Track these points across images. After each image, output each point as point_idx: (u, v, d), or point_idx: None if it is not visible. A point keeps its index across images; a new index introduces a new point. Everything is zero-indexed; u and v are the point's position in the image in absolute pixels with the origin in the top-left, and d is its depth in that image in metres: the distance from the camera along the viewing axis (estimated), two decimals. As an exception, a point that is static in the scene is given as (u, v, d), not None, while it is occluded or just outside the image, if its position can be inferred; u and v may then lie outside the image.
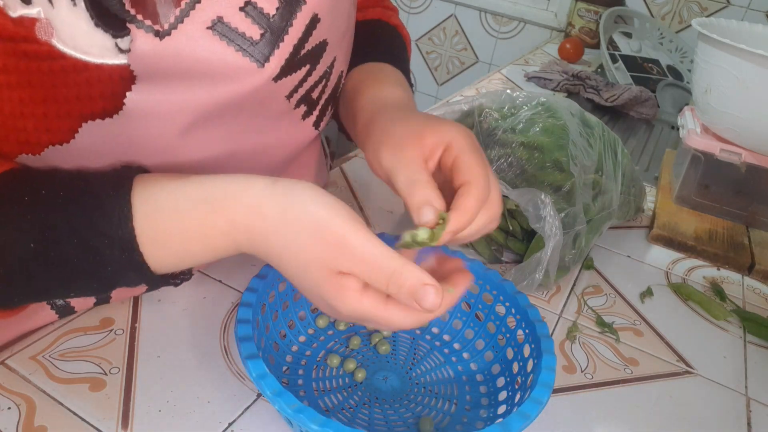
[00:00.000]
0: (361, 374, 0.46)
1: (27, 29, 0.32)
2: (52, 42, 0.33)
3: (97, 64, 0.35)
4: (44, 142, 0.37)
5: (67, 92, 0.35)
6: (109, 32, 0.34)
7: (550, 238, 0.55)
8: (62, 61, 0.34)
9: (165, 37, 0.35)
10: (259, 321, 0.44)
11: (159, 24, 0.35)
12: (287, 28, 0.41)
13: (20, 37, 0.33)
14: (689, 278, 0.68)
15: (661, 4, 1.63)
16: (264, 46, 0.40)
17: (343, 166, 0.80)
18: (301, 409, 0.34)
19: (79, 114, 0.36)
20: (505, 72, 1.35)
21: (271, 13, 0.39)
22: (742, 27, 0.80)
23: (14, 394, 0.41)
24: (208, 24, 0.37)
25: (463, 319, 0.52)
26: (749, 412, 0.51)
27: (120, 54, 0.35)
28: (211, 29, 0.37)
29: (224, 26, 0.38)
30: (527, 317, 0.46)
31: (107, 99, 0.36)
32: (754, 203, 0.78)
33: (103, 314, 0.49)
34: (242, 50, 0.39)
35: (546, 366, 0.41)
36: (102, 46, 0.34)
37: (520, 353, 0.46)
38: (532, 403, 0.37)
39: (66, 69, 0.34)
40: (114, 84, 0.36)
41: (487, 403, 0.46)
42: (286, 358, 0.47)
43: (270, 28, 0.40)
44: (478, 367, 0.49)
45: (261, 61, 0.40)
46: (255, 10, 0.39)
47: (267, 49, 0.40)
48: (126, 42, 0.35)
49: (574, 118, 0.66)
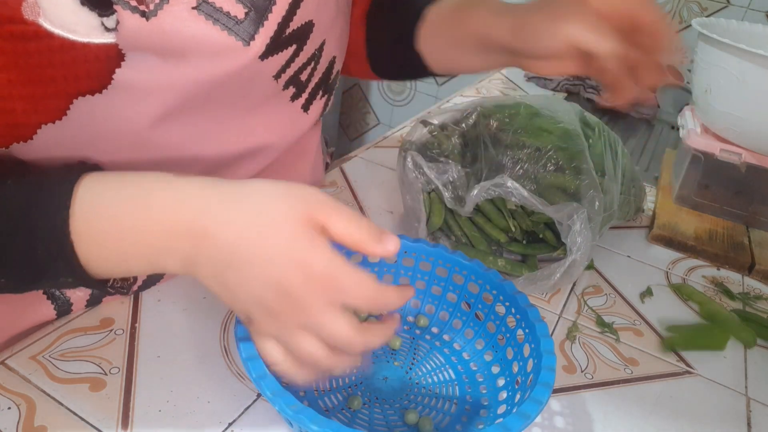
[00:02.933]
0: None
1: (13, 10, 0.33)
2: (39, 21, 0.33)
3: (83, 42, 0.35)
4: (34, 123, 0.37)
5: (54, 72, 0.35)
6: (95, 11, 0.34)
7: (575, 251, 0.55)
8: (49, 40, 0.34)
9: (151, 17, 0.36)
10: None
11: (145, 4, 0.36)
12: (270, 7, 0.42)
13: (6, 18, 0.33)
14: (689, 278, 0.68)
15: (661, 5, 1.63)
16: (249, 25, 0.41)
17: (343, 166, 0.80)
18: (301, 409, 0.34)
19: (66, 93, 0.37)
20: (505, 72, 1.34)
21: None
22: (742, 27, 0.80)
23: (14, 394, 0.41)
24: (193, 4, 0.38)
25: (462, 318, 0.52)
26: (749, 412, 0.51)
27: (106, 32, 0.35)
28: (196, 9, 0.38)
29: (209, 6, 0.38)
30: (527, 317, 0.46)
31: (95, 77, 0.37)
32: (754, 203, 0.78)
33: (103, 314, 0.49)
34: (227, 29, 0.39)
35: (546, 366, 0.41)
36: (88, 25, 0.34)
37: (520, 353, 0.46)
38: (532, 403, 0.38)
39: (53, 48, 0.34)
40: (101, 62, 0.36)
41: (487, 403, 0.46)
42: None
43: (254, 6, 0.41)
44: (478, 367, 0.49)
45: (246, 40, 0.41)
46: None
47: (252, 27, 0.41)
48: (112, 21, 0.35)
49: (579, 121, 0.66)
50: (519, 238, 0.63)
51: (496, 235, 0.62)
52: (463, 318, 0.52)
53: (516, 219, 0.62)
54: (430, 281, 0.53)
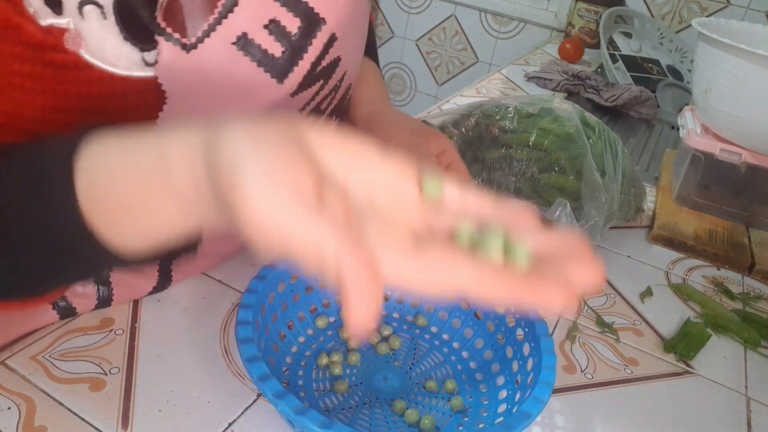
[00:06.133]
0: (355, 357, 0.48)
1: (55, 38, 0.32)
2: (80, 52, 0.33)
3: (122, 76, 0.35)
4: None
5: (90, 103, 0.35)
6: (137, 45, 0.34)
7: None
8: (88, 71, 0.34)
9: (191, 50, 0.36)
10: (259, 322, 0.44)
11: (186, 37, 0.36)
12: (307, 47, 0.42)
13: (48, 46, 0.33)
14: (689, 278, 0.68)
15: (661, 4, 1.63)
16: (284, 63, 0.41)
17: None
18: (303, 410, 0.34)
19: (100, 126, 0.36)
20: (505, 72, 1.35)
21: (293, 31, 0.40)
22: (742, 27, 0.80)
23: (14, 394, 0.41)
24: (233, 39, 0.38)
25: (462, 318, 0.52)
26: (749, 412, 0.51)
27: (146, 67, 0.35)
28: (235, 44, 0.38)
29: (248, 42, 0.38)
30: (527, 316, 0.46)
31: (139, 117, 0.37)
32: (754, 203, 0.78)
33: (103, 314, 0.49)
34: (264, 65, 0.40)
35: (546, 365, 0.41)
36: (129, 59, 0.35)
37: (520, 352, 0.46)
38: (534, 402, 0.38)
39: (92, 80, 0.34)
40: (141, 107, 0.36)
41: (487, 401, 0.46)
42: (286, 359, 0.47)
43: (291, 46, 0.41)
44: (478, 366, 0.49)
45: (280, 78, 0.41)
46: (278, 28, 0.39)
47: (287, 65, 0.41)
48: (152, 55, 0.35)
49: (579, 121, 0.66)
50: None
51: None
52: (462, 317, 0.52)
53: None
54: None
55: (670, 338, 0.57)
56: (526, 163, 0.61)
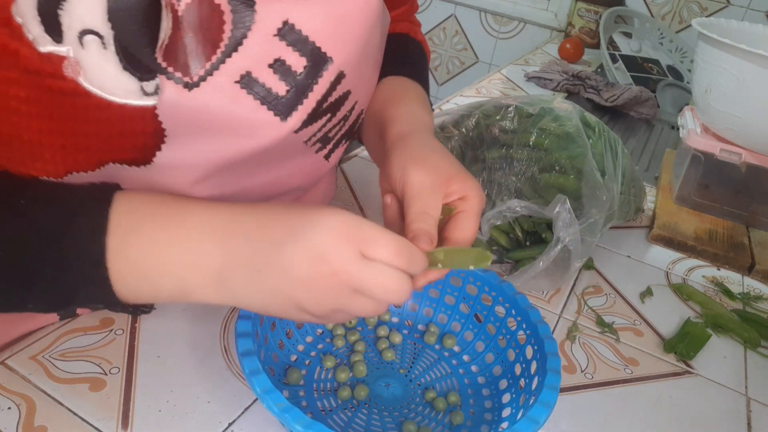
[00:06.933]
0: (364, 392, 0.46)
1: (54, 65, 0.32)
2: (78, 80, 0.33)
3: (120, 104, 0.35)
4: (62, 171, 0.37)
5: (87, 128, 0.35)
6: (136, 75, 0.34)
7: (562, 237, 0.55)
8: (86, 99, 0.34)
9: (194, 88, 0.36)
10: (258, 333, 0.43)
11: (189, 76, 0.35)
12: (312, 86, 0.41)
13: (46, 73, 0.33)
14: (689, 278, 0.68)
15: (661, 4, 1.63)
16: (288, 102, 0.40)
17: (343, 166, 0.80)
18: (287, 408, 0.34)
19: (97, 149, 0.36)
20: (505, 72, 1.35)
21: (299, 71, 0.39)
22: (742, 27, 0.80)
23: (14, 394, 0.41)
24: (236, 78, 0.37)
25: (462, 321, 0.52)
26: (749, 412, 0.51)
27: (145, 96, 0.35)
28: (239, 83, 0.37)
29: (252, 81, 0.38)
30: (528, 318, 0.46)
31: (132, 150, 0.37)
32: (754, 203, 0.78)
33: (103, 314, 0.49)
34: (267, 104, 0.39)
35: (551, 368, 0.41)
36: (127, 89, 0.34)
37: (522, 355, 0.46)
38: (541, 407, 0.37)
39: (89, 106, 0.34)
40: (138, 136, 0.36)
41: (490, 406, 0.46)
42: (290, 358, 0.47)
43: (296, 85, 0.40)
44: (480, 370, 0.49)
45: (284, 115, 0.40)
46: (283, 67, 0.39)
47: (291, 104, 0.40)
48: (151, 85, 0.35)
49: (579, 121, 0.66)
50: (521, 240, 0.63)
51: (496, 235, 0.62)
52: (462, 320, 0.52)
53: (518, 221, 0.62)
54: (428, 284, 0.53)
55: (670, 338, 0.57)
56: (527, 163, 0.61)
